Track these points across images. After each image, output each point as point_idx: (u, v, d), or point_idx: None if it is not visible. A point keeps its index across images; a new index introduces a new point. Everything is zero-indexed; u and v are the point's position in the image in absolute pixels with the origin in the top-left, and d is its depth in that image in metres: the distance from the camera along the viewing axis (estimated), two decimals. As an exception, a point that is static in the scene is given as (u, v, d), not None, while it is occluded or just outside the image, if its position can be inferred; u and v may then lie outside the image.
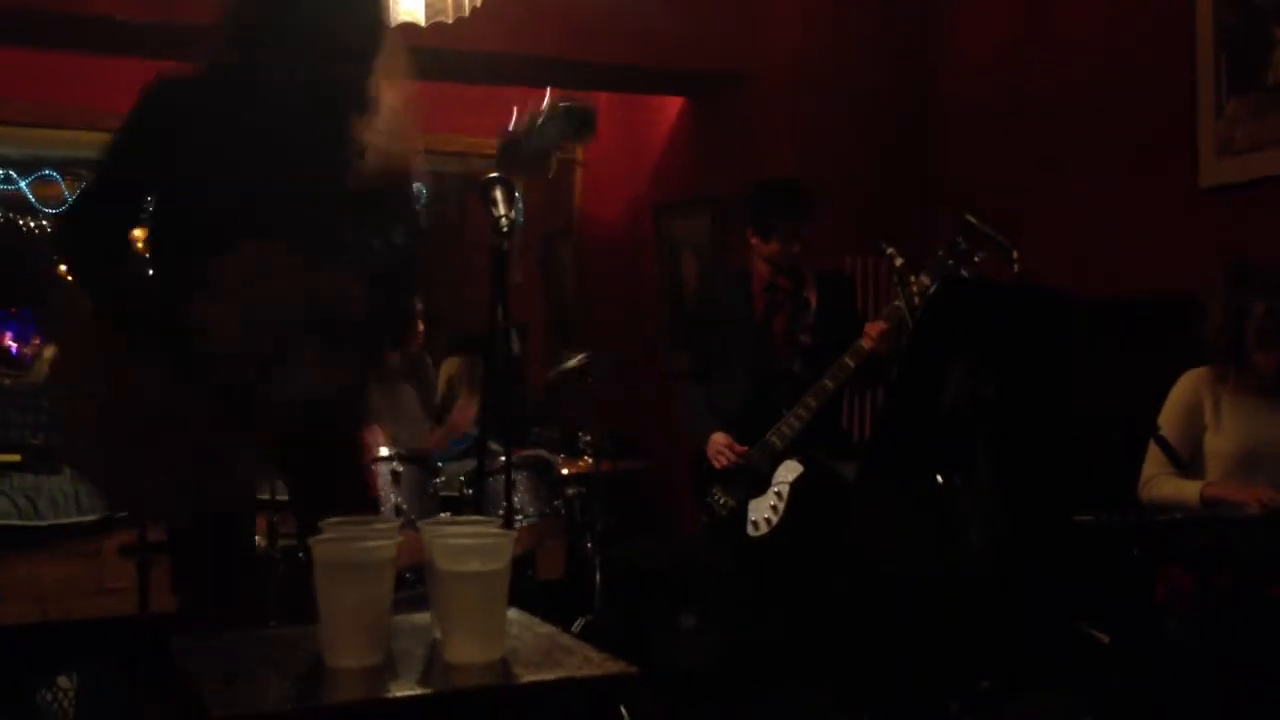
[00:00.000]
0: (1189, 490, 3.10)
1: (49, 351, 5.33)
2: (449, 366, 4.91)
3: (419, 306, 4.47)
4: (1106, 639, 3.23)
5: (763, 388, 3.66)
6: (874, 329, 3.46)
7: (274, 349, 2.08)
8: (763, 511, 3.61)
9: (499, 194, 2.23)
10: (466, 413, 4.63)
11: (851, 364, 3.46)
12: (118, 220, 2.20)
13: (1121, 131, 4.04)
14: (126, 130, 2.23)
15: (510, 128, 2.25)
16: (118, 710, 3.91)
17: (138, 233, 2.25)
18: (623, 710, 2.92)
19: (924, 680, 3.77)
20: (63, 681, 4.07)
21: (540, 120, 2.26)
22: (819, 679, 4.01)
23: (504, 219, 2.18)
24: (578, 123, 2.29)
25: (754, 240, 3.73)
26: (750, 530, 3.62)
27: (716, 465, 3.67)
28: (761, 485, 3.61)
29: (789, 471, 3.58)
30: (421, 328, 4.66)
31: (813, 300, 3.72)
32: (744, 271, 3.84)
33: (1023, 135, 4.43)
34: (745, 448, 3.62)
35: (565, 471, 4.30)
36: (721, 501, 3.70)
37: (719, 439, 3.66)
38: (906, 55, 4.93)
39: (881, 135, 4.85)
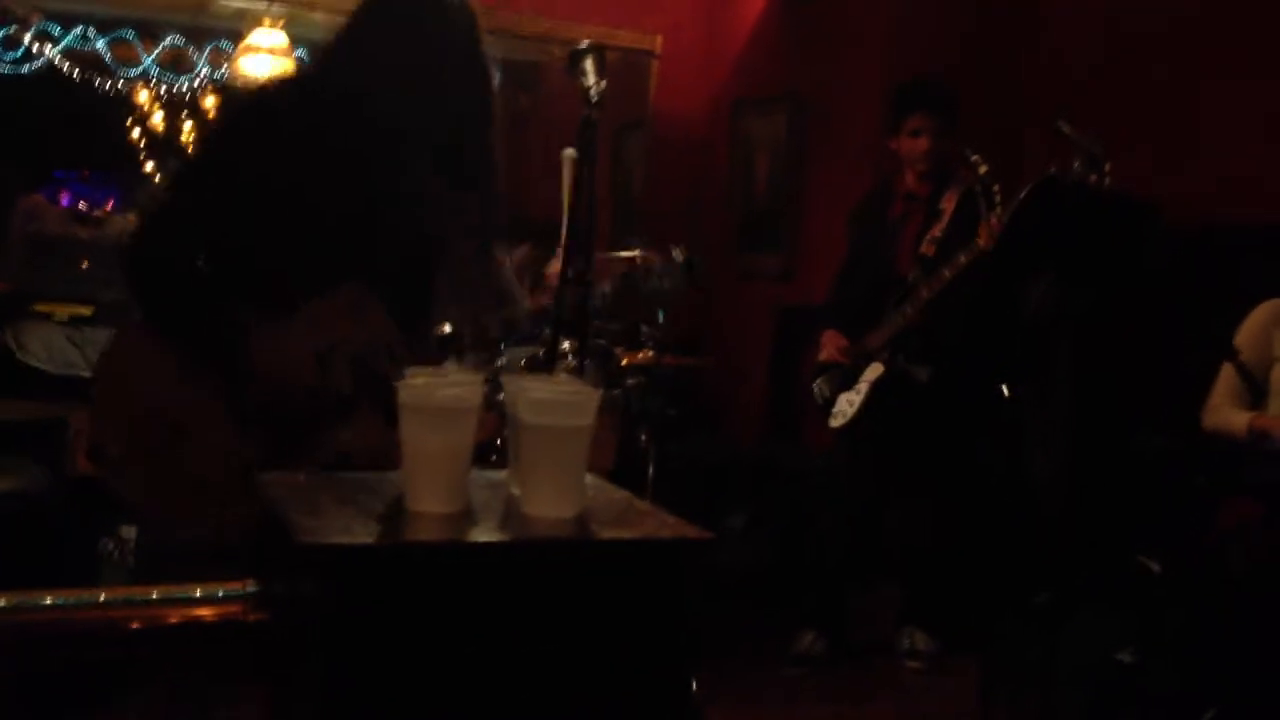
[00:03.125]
0: (1239, 421, 3.05)
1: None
2: (519, 255, 4.88)
3: None
4: (1158, 568, 3.20)
5: (878, 293, 3.76)
6: (984, 234, 3.38)
7: (329, 404, 2.02)
8: (844, 405, 3.76)
9: (589, 64, 2.19)
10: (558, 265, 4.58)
11: (948, 274, 3.45)
12: (187, 245, 2.07)
13: (1230, 49, 3.87)
14: (204, 151, 2.19)
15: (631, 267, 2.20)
16: (172, 564, 4.01)
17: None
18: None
19: (973, 591, 3.77)
20: (125, 532, 4.18)
21: (657, 269, 2.21)
22: (874, 585, 4.03)
23: (595, 89, 2.14)
24: (689, 274, 2.24)
25: (892, 144, 3.78)
26: (832, 420, 3.79)
27: (821, 357, 3.89)
28: (853, 381, 3.76)
29: (873, 371, 3.72)
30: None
31: (948, 211, 3.67)
32: (888, 181, 3.92)
33: (1127, 47, 4.26)
34: (848, 344, 3.80)
35: (625, 362, 4.29)
36: (819, 390, 3.89)
37: (830, 336, 3.87)
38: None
39: (974, 40, 4.69)
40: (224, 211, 2.04)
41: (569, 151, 4.28)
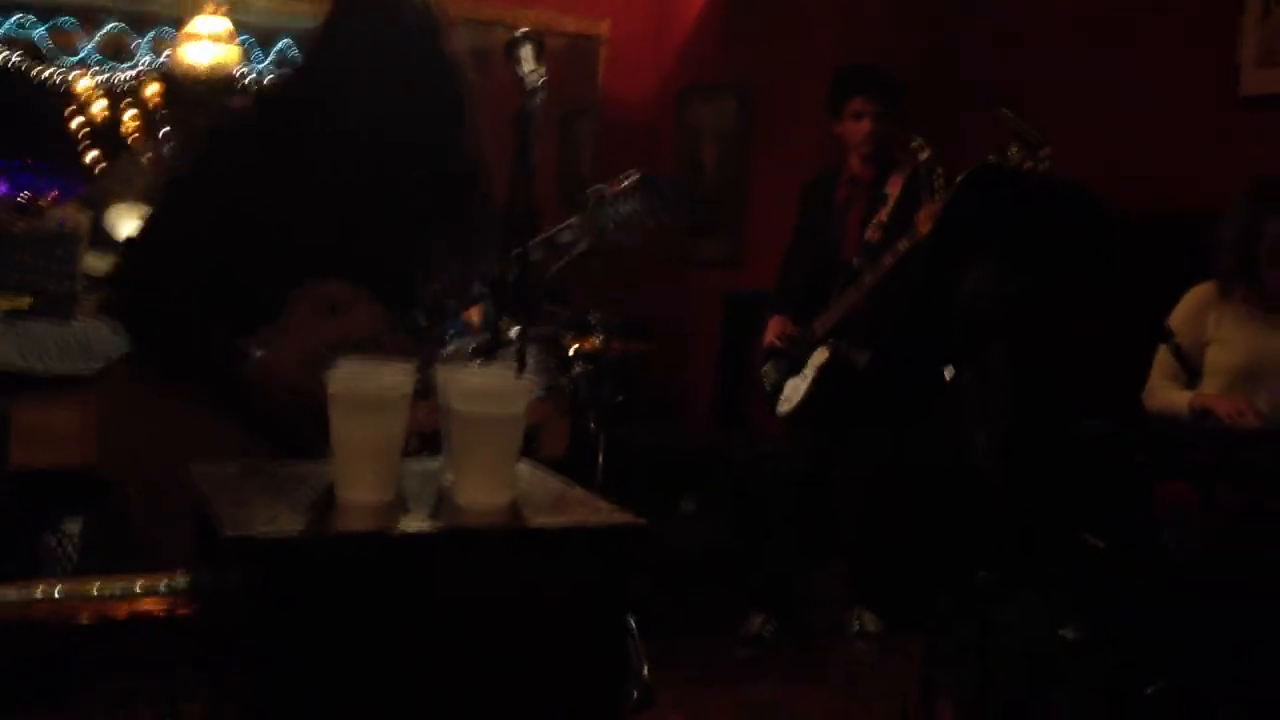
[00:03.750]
0: (1180, 400, 3.11)
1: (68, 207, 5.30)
2: None
3: None
4: (1101, 545, 3.26)
5: (823, 278, 3.79)
6: (925, 213, 3.41)
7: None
8: (790, 391, 3.81)
9: (526, 52, 2.18)
10: None
11: (890, 261, 3.47)
12: (178, 270, 2.05)
13: (1162, 36, 3.93)
14: (181, 176, 2.16)
15: (600, 190, 2.21)
16: (119, 557, 3.97)
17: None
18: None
19: (919, 571, 3.82)
20: (68, 527, 4.13)
21: (625, 191, 2.21)
22: (816, 567, 4.07)
23: (532, 76, 2.14)
24: (663, 197, 2.23)
25: (835, 128, 3.82)
26: (779, 406, 3.84)
27: (764, 341, 3.93)
28: (799, 366, 3.81)
29: (819, 357, 3.76)
30: None
31: (893, 194, 3.69)
32: (836, 166, 3.93)
33: (1061, 36, 4.32)
34: (795, 330, 3.83)
35: (573, 349, 4.30)
36: (766, 376, 3.94)
37: (776, 321, 3.92)
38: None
39: (922, 27, 4.73)
40: (206, 234, 2.04)
41: None
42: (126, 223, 5.58)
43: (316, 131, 2.06)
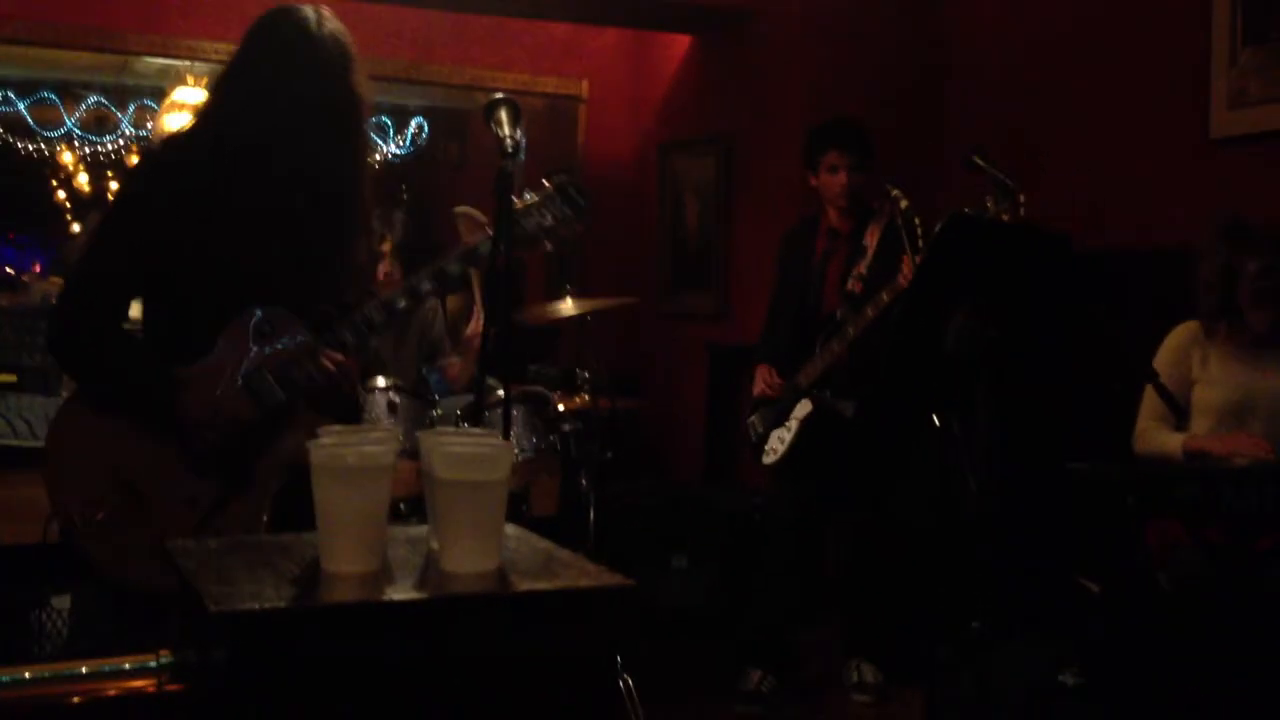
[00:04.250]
0: (1173, 443, 3.12)
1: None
2: (452, 305, 4.86)
3: (386, 246, 4.37)
4: (1096, 588, 3.25)
5: (807, 330, 3.82)
6: (909, 267, 3.44)
7: (271, 420, 2.15)
8: (775, 442, 3.80)
9: (504, 115, 2.21)
10: (478, 326, 4.56)
11: (871, 313, 3.50)
12: (107, 308, 2.16)
13: (1134, 81, 4.00)
14: (116, 210, 2.26)
15: (516, 203, 2.26)
16: (109, 632, 3.93)
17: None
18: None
19: (915, 622, 3.79)
20: (57, 602, 4.09)
21: (537, 200, 2.28)
22: (811, 620, 4.04)
23: (509, 140, 2.16)
24: (573, 204, 2.29)
25: (811, 180, 3.87)
26: (764, 457, 3.84)
27: (754, 393, 3.93)
28: (784, 417, 3.82)
29: (802, 409, 3.77)
30: (387, 269, 4.50)
31: (871, 245, 3.73)
32: (814, 218, 3.97)
33: (1035, 84, 4.39)
34: (781, 380, 3.84)
35: (562, 407, 4.29)
36: (753, 427, 3.94)
37: (763, 369, 3.92)
38: (919, -2, 4.87)
39: (893, 79, 4.80)
40: (127, 270, 2.15)
41: (461, 208, 4.27)
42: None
43: (226, 164, 2.14)
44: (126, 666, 1.33)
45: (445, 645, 1.25)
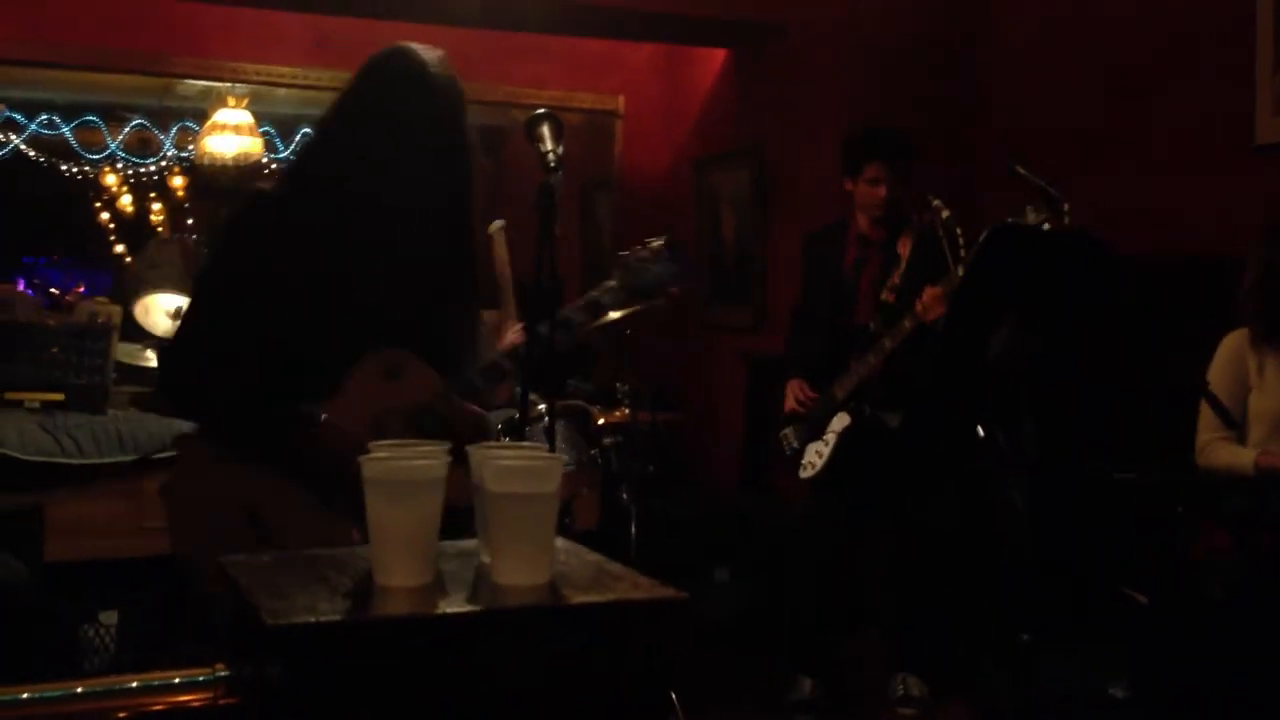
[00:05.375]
0: (1244, 458, 3.06)
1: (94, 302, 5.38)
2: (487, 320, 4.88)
3: None
4: (1144, 599, 3.21)
5: (839, 341, 3.77)
6: (929, 295, 3.43)
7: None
8: (812, 455, 3.76)
9: (546, 130, 2.21)
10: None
11: (909, 326, 3.47)
12: (216, 365, 2.09)
13: (1177, 88, 3.96)
14: (215, 265, 2.21)
15: (631, 254, 2.27)
16: (156, 646, 3.97)
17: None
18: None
19: (961, 633, 3.76)
20: (105, 618, 4.14)
21: (649, 254, 2.26)
22: (853, 632, 4.02)
23: (551, 154, 2.16)
24: (680, 262, 2.30)
25: (849, 186, 3.81)
26: (801, 471, 3.80)
27: (785, 407, 3.87)
28: (820, 431, 3.77)
29: (839, 422, 3.72)
30: None
31: (904, 254, 3.70)
32: (843, 221, 3.91)
33: (1075, 91, 4.36)
34: (815, 394, 3.80)
35: (602, 421, 4.30)
36: (787, 441, 3.89)
37: (795, 385, 3.86)
38: (956, 5, 4.85)
39: (930, 88, 4.78)
40: (247, 317, 2.08)
41: (496, 224, 4.29)
42: (157, 313, 5.66)
43: (349, 204, 2.09)
44: (181, 681, 1.34)
45: (498, 658, 1.25)
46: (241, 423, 2.11)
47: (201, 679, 1.35)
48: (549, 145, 2.19)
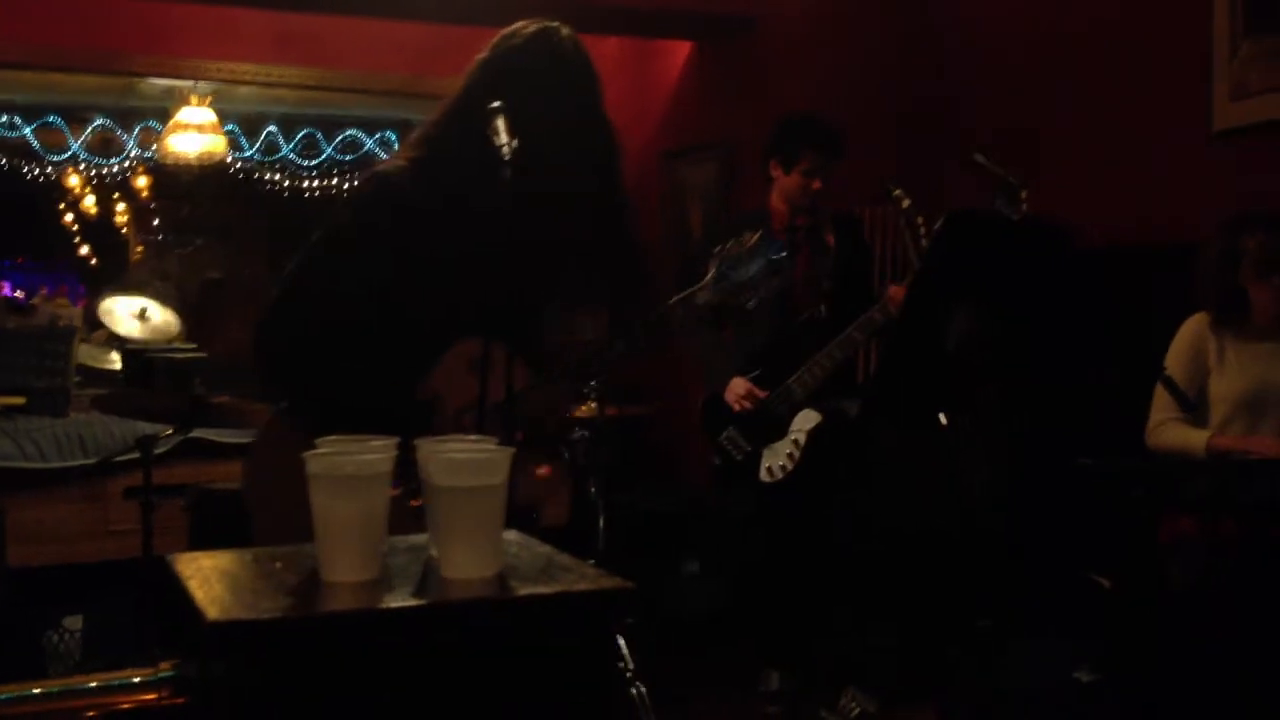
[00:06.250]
0: (1195, 439, 3.09)
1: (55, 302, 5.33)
2: None
3: None
4: (1108, 584, 3.23)
5: (787, 333, 3.62)
6: (897, 293, 3.38)
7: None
8: (778, 458, 3.58)
9: (500, 123, 2.19)
10: None
11: (879, 319, 3.42)
12: (321, 323, 2.03)
13: (1136, 75, 3.98)
14: (337, 229, 2.11)
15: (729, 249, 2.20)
16: (123, 651, 3.94)
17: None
18: (621, 642, 2.94)
19: (924, 623, 3.77)
20: (69, 623, 4.10)
21: (751, 249, 2.19)
22: (820, 625, 4.02)
23: (506, 148, 2.14)
24: (778, 258, 2.24)
25: (775, 172, 3.69)
26: (764, 476, 3.59)
27: (735, 409, 3.63)
28: (779, 432, 3.58)
29: (807, 420, 3.56)
30: None
31: (830, 243, 3.69)
32: (763, 211, 3.76)
33: (1036, 81, 4.38)
34: (765, 393, 3.59)
35: (570, 415, 4.30)
36: (737, 445, 3.65)
37: (739, 384, 3.63)
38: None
39: (895, 81, 4.79)
40: (358, 291, 2.02)
41: None
42: (121, 315, 5.62)
43: (481, 189, 2.00)
44: (127, 681, 1.32)
45: (445, 651, 1.25)
46: (341, 385, 2.02)
47: (146, 679, 1.34)
48: (504, 138, 2.17)
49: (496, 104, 2.20)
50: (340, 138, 6.41)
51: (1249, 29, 3.59)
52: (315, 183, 6.48)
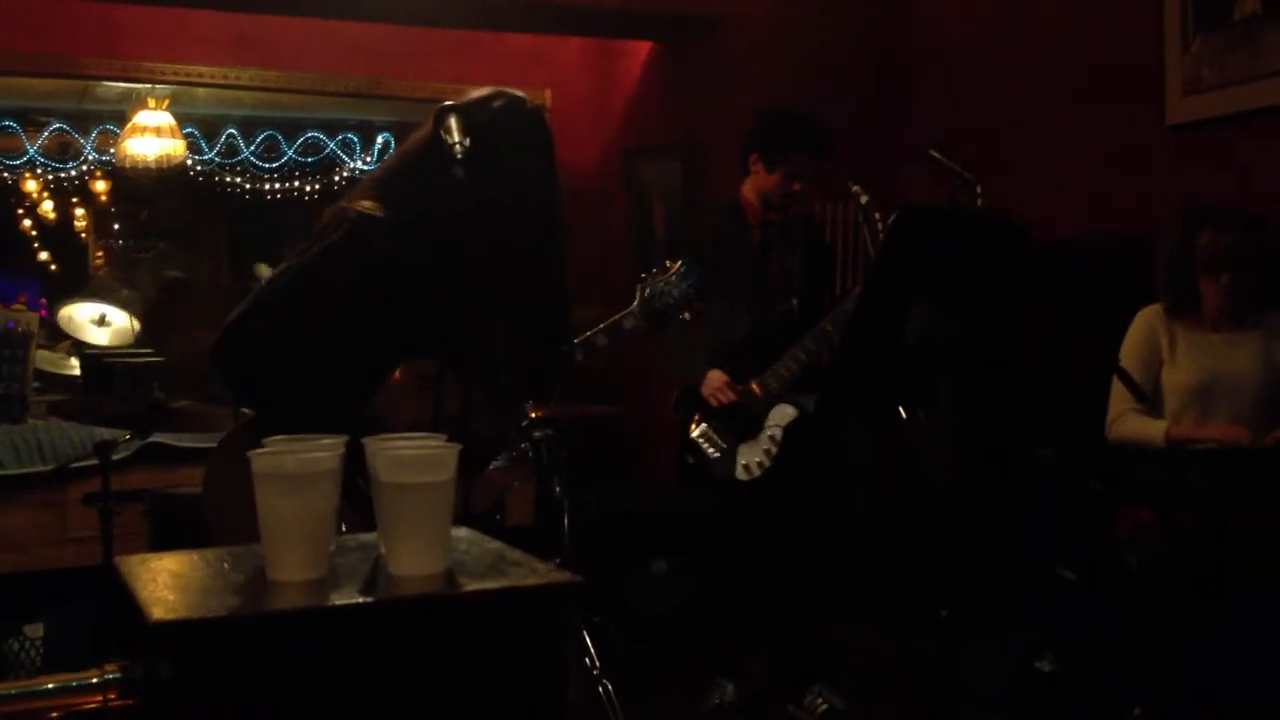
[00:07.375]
0: (1154, 430, 3.13)
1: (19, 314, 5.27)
2: None
3: None
4: (1072, 575, 3.26)
5: (763, 326, 3.56)
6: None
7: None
8: (754, 455, 3.51)
9: (454, 122, 2.19)
10: None
11: (852, 310, 3.41)
12: (276, 339, 2.14)
13: (1091, 71, 4.03)
14: (312, 267, 2.20)
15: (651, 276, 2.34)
16: (84, 658, 3.90)
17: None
18: (586, 638, 2.94)
19: (887, 614, 3.79)
20: (30, 631, 4.06)
21: (675, 275, 2.34)
22: (790, 621, 4.02)
23: (458, 146, 2.14)
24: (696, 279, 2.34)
25: (756, 167, 3.60)
26: (740, 473, 3.52)
27: (713, 404, 3.56)
28: (754, 428, 3.52)
29: (782, 416, 3.49)
30: None
31: (800, 238, 3.69)
32: (735, 203, 3.69)
33: (994, 80, 4.42)
34: (742, 387, 3.53)
35: (534, 414, 4.28)
36: (713, 443, 3.59)
37: (716, 377, 3.55)
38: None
39: (855, 81, 4.82)
40: (319, 312, 2.14)
41: None
42: (81, 321, 5.56)
43: (457, 236, 2.10)
44: (72, 684, 1.31)
45: (392, 649, 1.24)
46: (298, 413, 2.04)
47: (92, 681, 1.33)
48: (457, 137, 2.17)
49: (449, 103, 2.22)
50: (301, 140, 6.36)
51: (1200, 25, 3.63)
52: (276, 185, 6.42)
